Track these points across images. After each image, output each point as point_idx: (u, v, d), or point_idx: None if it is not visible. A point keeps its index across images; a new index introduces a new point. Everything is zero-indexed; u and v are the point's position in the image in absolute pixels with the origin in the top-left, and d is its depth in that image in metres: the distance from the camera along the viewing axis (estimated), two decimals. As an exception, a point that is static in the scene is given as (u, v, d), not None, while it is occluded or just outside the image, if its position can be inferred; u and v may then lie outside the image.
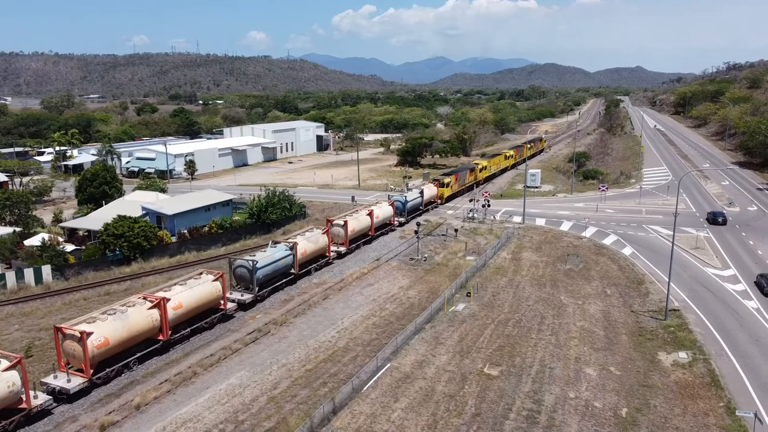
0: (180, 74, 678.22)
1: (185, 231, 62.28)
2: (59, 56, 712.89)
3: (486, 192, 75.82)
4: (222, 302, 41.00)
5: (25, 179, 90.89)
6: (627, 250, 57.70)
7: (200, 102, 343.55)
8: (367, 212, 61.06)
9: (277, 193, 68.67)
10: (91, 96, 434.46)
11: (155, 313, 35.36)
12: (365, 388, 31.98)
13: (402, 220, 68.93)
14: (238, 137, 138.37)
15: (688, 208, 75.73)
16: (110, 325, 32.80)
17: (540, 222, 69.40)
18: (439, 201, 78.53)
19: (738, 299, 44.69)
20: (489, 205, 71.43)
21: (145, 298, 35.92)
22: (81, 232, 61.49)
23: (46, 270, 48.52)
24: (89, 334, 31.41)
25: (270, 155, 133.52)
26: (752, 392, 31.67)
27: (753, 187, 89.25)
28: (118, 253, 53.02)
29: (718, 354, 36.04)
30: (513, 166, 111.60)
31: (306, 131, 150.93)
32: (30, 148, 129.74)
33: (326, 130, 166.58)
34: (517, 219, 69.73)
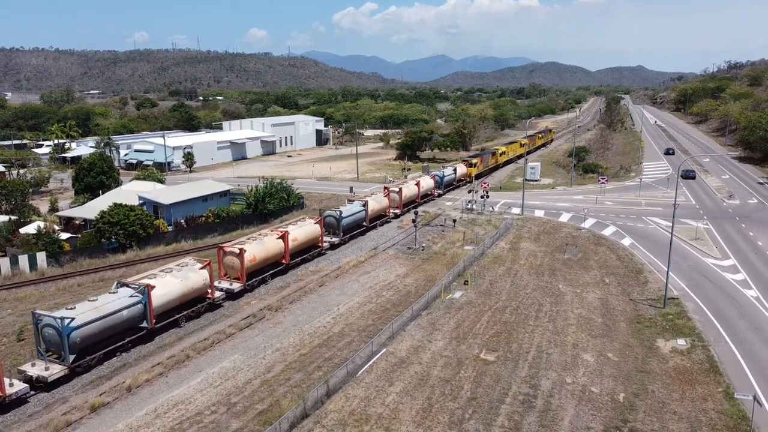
0: (180, 71, 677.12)
1: (182, 220, 61.96)
2: (59, 52, 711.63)
3: (485, 183, 75.44)
4: (320, 241, 52.68)
5: (23, 170, 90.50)
6: (626, 241, 57.34)
7: (200, 98, 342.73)
8: (415, 183, 73.03)
9: (275, 184, 68.33)
10: (91, 92, 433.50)
11: (281, 242, 47.10)
12: (360, 373, 31.64)
13: (440, 191, 79.86)
14: (237, 131, 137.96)
15: (687, 200, 75.35)
16: (255, 246, 44.18)
17: (539, 213, 69.03)
18: (467, 179, 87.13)
19: (737, 288, 44.34)
20: (488, 197, 71.06)
21: (273, 231, 47.87)
22: (77, 221, 61.14)
23: (41, 257, 48.18)
24: (244, 250, 42.32)
25: (269, 149, 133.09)
26: (751, 378, 31.33)
27: (753, 181, 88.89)
28: (114, 241, 52.67)
29: (717, 341, 35.70)
30: (527, 153, 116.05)
31: (305, 125, 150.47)
32: (28, 141, 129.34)
33: (326, 125, 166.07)
34: (516, 210, 69.36)
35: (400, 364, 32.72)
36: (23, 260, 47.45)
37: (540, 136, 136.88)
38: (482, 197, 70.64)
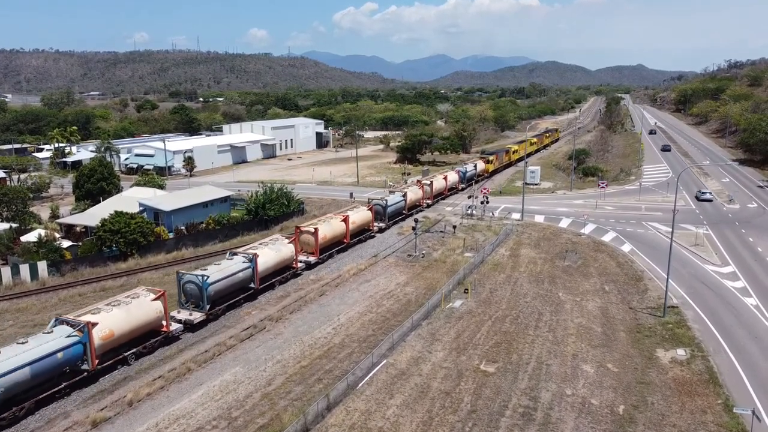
0: (180, 71, 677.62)
1: (182, 227, 62.04)
2: (60, 53, 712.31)
3: (485, 188, 75.52)
4: (371, 225, 62.32)
5: (23, 175, 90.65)
6: (626, 247, 57.40)
7: (200, 99, 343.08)
8: (443, 177, 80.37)
9: (275, 189, 68.42)
10: (92, 93, 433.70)
11: (343, 224, 56.29)
12: (360, 385, 31.74)
13: (463, 185, 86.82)
14: (237, 134, 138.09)
15: (687, 205, 75.39)
16: (326, 227, 53.53)
17: (539, 219, 69.10)
18: (486, 174, 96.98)
19: (737, 296, 44.40)
20: (488, 202, 71.14)
21: (336, 215, 57.24)
22: (78, 228, 61.26)
23: (42, 266, 48.27)
24: (318, 230, 51.65)
25: (269, 152, 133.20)
26: (750, 389, 31.40)
27: (753, 184, 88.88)
28: (114, 249, 52.78)
29: (717, 351, 35.76)
30: (536, 151, 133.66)
31: (305, 128, 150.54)
32: (29, 145, 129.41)
33: (326, 127, 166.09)
34: (516, 216, 69.41)
35: (401, 376, 32.81)
36: (24, 269, 47.55)
37: (547, 135, 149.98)
38: (482, 203, 70.71)
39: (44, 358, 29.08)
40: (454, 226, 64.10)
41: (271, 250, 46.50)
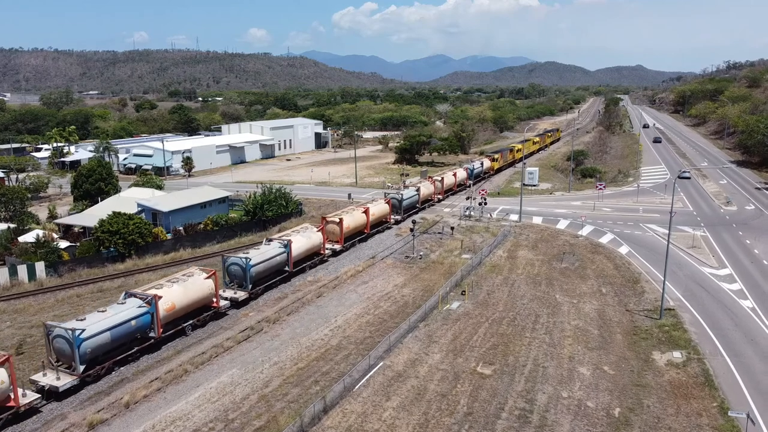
0: (179, 71, 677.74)
1: (180, 228, 62.07)
2: (59, 52, 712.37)
3: (483, 190, 75.61)
4: (388, 217, 66.89)
5: (21, 175, 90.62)
6: (623, 249, 57.49)
7: (199, 99, 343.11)
8: (453, 174, 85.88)
9: (274, 190, 68.45)
10: (91, 92, 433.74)
11: (364, 216, 60.68)
12: (357, 387, 31.80)
13: (471, 182, 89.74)
14: (236, 134, 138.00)
15: (685, 206, 75.51)
16: (349, 217, 57.82)
17: (537, 220, 69.18)
18: (491, 172, 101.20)
19: (734, 299, 44.50)
20: (486, 203, 71.24)
21: (358, 207, 61.52)
22: (76, 229, 61.20)
23: (40, 267, 48.25)
24: (343, 220, 56.12)
25: (268, 152, 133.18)
26: (746, 392, 31.49)
27: (751, 186, 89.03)
28: (112, 249, 52.79)
29: (713, 354, 35.85)
30: (538, 150, 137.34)
31: (304, 128, 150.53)
32: (27, 145, 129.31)
33: (325, 128, 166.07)
34: (514, 217, 69.45)
35: (397, 378, 32.87)
36: (22, 270, 47.52)
37: (549, 134, 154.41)
38: (480, 204, 70.81)
39: (121, 324, 33.35)
40: (452, 228, 64.17)
41: (303, 237, 50.91)
